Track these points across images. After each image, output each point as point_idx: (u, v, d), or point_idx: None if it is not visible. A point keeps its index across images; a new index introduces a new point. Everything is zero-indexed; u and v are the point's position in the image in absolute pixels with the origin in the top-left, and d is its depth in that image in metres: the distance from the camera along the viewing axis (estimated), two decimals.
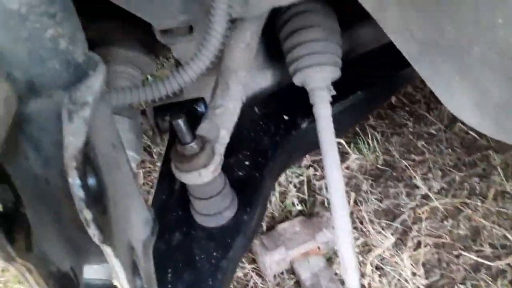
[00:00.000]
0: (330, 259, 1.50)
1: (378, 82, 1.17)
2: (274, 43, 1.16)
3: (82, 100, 0.42)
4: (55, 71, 0.44)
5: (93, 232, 0.39)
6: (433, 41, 0.72)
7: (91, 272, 0.96)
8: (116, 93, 0.78)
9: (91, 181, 0.42)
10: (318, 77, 1.00)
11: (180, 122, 0.74)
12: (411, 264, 1.45)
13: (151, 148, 1.86)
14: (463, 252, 1.45)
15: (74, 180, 0.37)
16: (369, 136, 1.77)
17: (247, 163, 1.00)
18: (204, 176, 0.80)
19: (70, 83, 0.44)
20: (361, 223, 1.56)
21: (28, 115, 0.43)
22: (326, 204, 1.63)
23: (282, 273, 1.48)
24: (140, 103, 1.11)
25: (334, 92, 1.01)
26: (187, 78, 0.76)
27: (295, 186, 1.69)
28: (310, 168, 1.74)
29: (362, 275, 1.43)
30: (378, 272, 1.46)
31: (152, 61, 1.12)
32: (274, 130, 1.06)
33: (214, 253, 0.90)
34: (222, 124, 0.86)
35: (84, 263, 0.56)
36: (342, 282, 1.43)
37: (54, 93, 0.44)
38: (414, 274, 1.44)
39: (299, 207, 1.63)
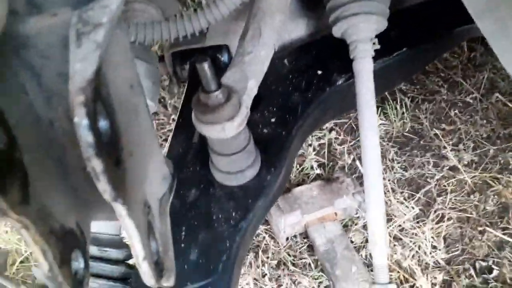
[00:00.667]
0: (347, 226, 1.44)
1: (427, 40, 1.04)
2: None
3: (95, 21, 0.33)
4: None
5: (103, 187, 0.31)
6: None
7: (98, 225, 0.90)
8: (136, 28, 0.68)
9: (103, 123, 0.34)
10: (363, 27, 0.88)
11: (205, 65, 0.64)
12: (432, 237, 1.39)
13: (166, 100, 1.78)
14: (488, 229, 1.38)
15: (81, 120, 0.29)
16: (398, 101, 1.66)
17: (273, 120, 0.91)
18: (228, 130, 0.71)
19: (81, 1, 0.35)
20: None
21: (27, 36, 0.34)
22: (346, 170, 1.55)
23: (295, 236, 1.44)
24: (157, 47, 1.01)
25: (378, 46, 0.90)
26: (218, 13, 0.66)
27: (314, 149, 1.62)
28: (332, 131, 1.65)
29: None
30: (397, 243, 1.40)
31: (175, 1, 1.00)
32: (305, 86, 0.96)
33: (233, 214, 0.83)
34: (250, 73, 0.75)
35: (92, 219, 0.49)
36: (358, 250, 1.38)
37: (60, 10, 0.35)
38: (434, 247, 1.38)
39: (317, 171, 1.56)
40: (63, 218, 0.41)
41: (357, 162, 1.54)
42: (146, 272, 0.39)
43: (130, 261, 0.88)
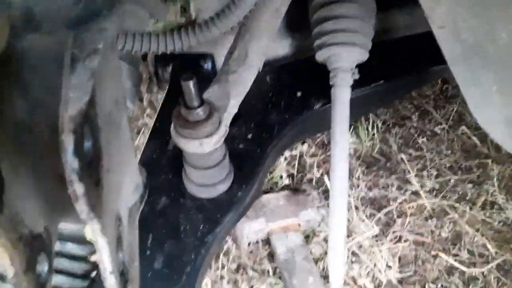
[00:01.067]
0: (308, 237, 1.48)
1: (405, 75, 1.08)
2: (297, 9, 1.06)
3: (91, 46, 0.34)
4: (61, 3, 0.36)
5: (81, 208, 0.33)
6: (480, 46, 0.67)
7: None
8: (125, 38, 0.69)
9: (87, 144, 0.35)
10: (346, 57, 0.92)
11: (190, 84, 0.66)
12: (388, 257, 1.45)
13: (142, 94, 1.77)
14: (440, 254, 1.45)
15: (68, 146, 0.30)
16: (370, 122, 1.71)
17: (250, 136, 0.93)
18: (205, 146, 0.73)
19: (79, 22, 0.36)
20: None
21: (21, 51, 0.35)
22: (314, 183, 1.59)
23: (257, 242, 1.46)
24: None
25: (357, 76, 0.93)
26: (209, 35, 0.68)
27: (285, 159, 1.65)
28: (304, 144, 1.69)
29: None
30: (354, 258, 1.45)
31: (164, 6, 1.00)
32: (284, 106, 0.98)
33: (201, 226, 0.84)
34: (233, 92, 0.77)
35: (60, 221, 0.49)
36: (316, 261, 1.42)
37: (56, 30, 0.36)
38: (389, 266, 1.43)
39: (286, 181, 1.59)
40: (33, 223, 0.42)
41: (325, 177, 1.58)
42: (111, 285, 0.41)
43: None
